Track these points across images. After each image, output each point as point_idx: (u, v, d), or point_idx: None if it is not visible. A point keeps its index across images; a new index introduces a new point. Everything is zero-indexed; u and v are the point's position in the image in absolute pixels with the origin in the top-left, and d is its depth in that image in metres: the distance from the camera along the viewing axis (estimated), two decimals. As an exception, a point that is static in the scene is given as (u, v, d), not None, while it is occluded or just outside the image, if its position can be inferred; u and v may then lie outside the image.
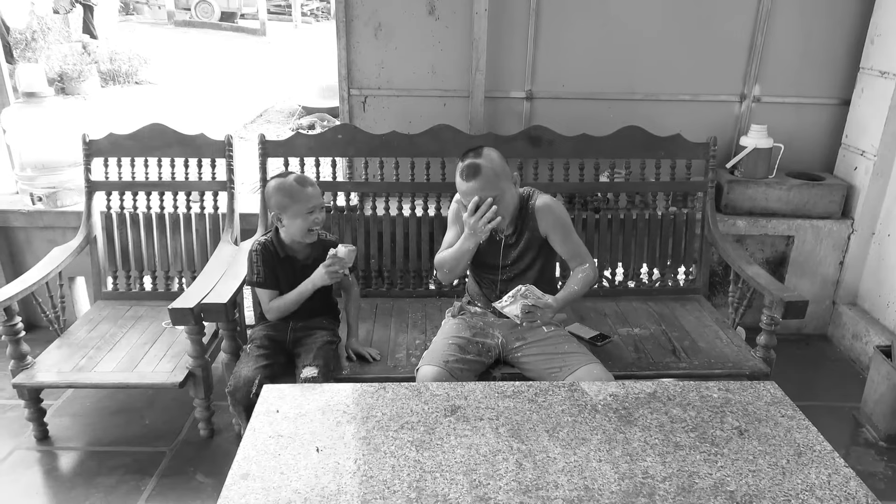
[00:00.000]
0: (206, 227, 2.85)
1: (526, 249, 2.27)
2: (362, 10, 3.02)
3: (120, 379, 2.32)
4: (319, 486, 1.43)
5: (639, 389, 1.82)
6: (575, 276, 2.25)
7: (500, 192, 2.12)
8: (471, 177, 2.10)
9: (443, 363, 2.12)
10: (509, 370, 2.30)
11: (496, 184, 2.11)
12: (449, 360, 2.13)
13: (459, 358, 2.16)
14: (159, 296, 2.85)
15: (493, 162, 2.13)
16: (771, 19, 3.06)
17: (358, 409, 1.70)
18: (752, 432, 1.64)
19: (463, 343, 2.22)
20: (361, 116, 3.17)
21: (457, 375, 2.11)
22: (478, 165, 2.10)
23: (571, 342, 2.24)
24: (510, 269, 2.30)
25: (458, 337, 2.24)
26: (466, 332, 2.27)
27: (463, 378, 2.11)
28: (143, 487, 2.26)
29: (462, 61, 3.10)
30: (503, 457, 1.53)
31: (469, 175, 2.11)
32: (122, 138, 2.78)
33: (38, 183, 2.99)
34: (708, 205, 2.90)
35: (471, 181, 2.10)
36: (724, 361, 2.44)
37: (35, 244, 3.09)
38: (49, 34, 10.27)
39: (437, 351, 2.19)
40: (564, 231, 2.26)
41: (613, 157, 2.87)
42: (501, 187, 2.13)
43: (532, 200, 2.25)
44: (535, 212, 2.24)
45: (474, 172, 2.10)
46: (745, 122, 3.21)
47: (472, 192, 2.11)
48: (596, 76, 3.16)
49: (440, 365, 2.11)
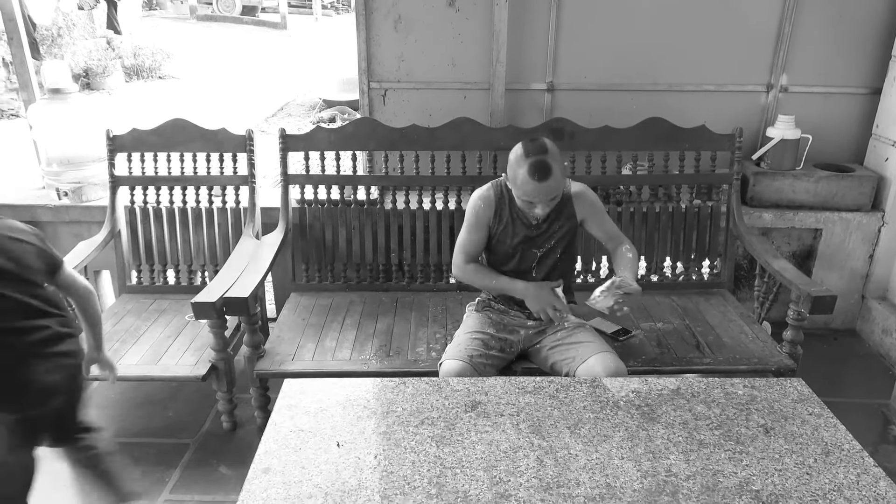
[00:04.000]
0: (227, 221, 2.87)
1: (561, 237, 2.23)
2: (382, 2, 3.00)
3: (144, 372, 2.35)
4: (340, 480, 1.43)
5: (662, 386, 1.79)
6: (626, 255, 2.22)
7: (559, 190, 2.06)
8: (543, 177, 1.98)
9: (467, 358, 2.11)
10: (529, 365, 2.29)
11: (561, 184, 2.04)
12: (473, 356, 2.12)
13: (483, 353, 2.15)
14: (182, 289, 2.88)
15: (558, 161, 2.02)
16: (799, 7, 2.99)
17: (378, 404, 1.70)
18: (778, 430, 1.61)
19: (486, 338, 2.21)
20: (381, 110, 3.16)
21: (480, 370, 2.10)
22: (549, 166, 1.98)
23: (588, 334, 2.21)
24: (543, 262, 2.25)
25: (481, 332, 2.23)
26: (490, 327, 2.26)
27: (486, 373, 2.10)
28: (168, 479, 2.29)
29: (482, 53, 3.07)
30: (524, 453, 1.52)
31: (542, 175, 1.98)
32: (146, 133, 2.80)
33: (64, 178, 3.03)
34: (733, 197, 2.84)
35: (543, 182, 1.98)
36: (750, 357, 2.40)
37: (61, 238, 3.13)
38: (74, 30, 10.40)
39: (460, 346, 2.18)
40: (601, 213, 2.28)
41: (636, 149, 2.83)
42: (561, 186, 2.05)
43: (566, 188, 2.21)
44: (573, 198, 2.21)
45: (547, 173, 1.98)
46: (772, 112, 3.14)
47: (541, 193, 2.02)
48: (618, 67, 3.11)
49: (464, 360, 2.10)
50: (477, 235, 2.25)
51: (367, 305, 2.76)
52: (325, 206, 2.85)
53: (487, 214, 2.23)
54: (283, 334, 2.54)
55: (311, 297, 2.81)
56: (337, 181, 2.85)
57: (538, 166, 1.98)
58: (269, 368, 2.33)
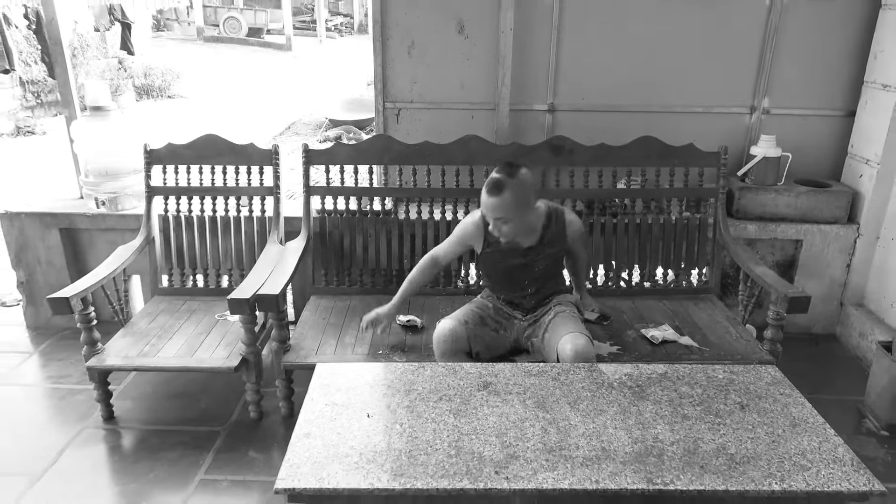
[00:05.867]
0: (253, 229, 3.11)
1: (553, 259, 2.51)
2: (397, 30, 3.27)
3: (181, 363, 2.58)
4: (371, 443, 1.66)
5: (651, 370, 2.02)
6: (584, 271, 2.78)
7: (511, 219, 2.25)
8: (492, 193, 2.20)
9: (462, 322, 2.39)
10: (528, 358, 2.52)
11: (512, 210, 2.23)
12: (468, 322, 2.40)
13: (478, 324, 2.43)
14: (210, 291, 3.11)
15: (520, 189, 2.20)
16: (779, 36, 3.26)
17: (401, 384, 1.93)
18: (752, 407, 1.84)
19: (484, 315, 2.49)
20: (395, 127, 3.42)
21: (472, 334, 2.37)
22: (503, 186, 2.19)
23: (567, 322, 2.39)
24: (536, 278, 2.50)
25: (481, 309, 2.51)
26: (490, 308, 2.53)
27: (475, 342, 2.38)
28: (202, 462, 2.50)
29: (488, 76, 3.33)
30: (530, 423, 1.74)
31: (491, 190, 2.20)
32: (180, 147, 3.05)
33: (101, 188, 3.27)
34: (719, 210, 3.09)
35: (491, 198, 2.21)
36: (734, 354, 2.62)
37: (97, 245, 3.37)
38: (88, 50, 10.74)
39: (458, 312, 2.47)
40: (583, 242, 2.65)
41: (630, 165, 3.09)
42: (516, 215, 2.25)
43: (563, 216, 2.48)
44: (567, 226, 2.48)
45: (497, 190, 2.19)
46: (755, 132, 3.40)
47: (487, 207, 2.24)
48: (614, 90, 3.38)
49: (459, 321, 2.39)
50: (451, 248, 2.53)
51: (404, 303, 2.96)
52: (344, 215, 3.09)
53: (473, 238, 2.48)
54: (306, 332, 2.76)
55: (330, 300, 3.04)
56: (354, 192, 3.09)
57: (492, 182, 2.21)
58: (295, 361, 2.55)
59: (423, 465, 1.58)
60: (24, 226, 3.35)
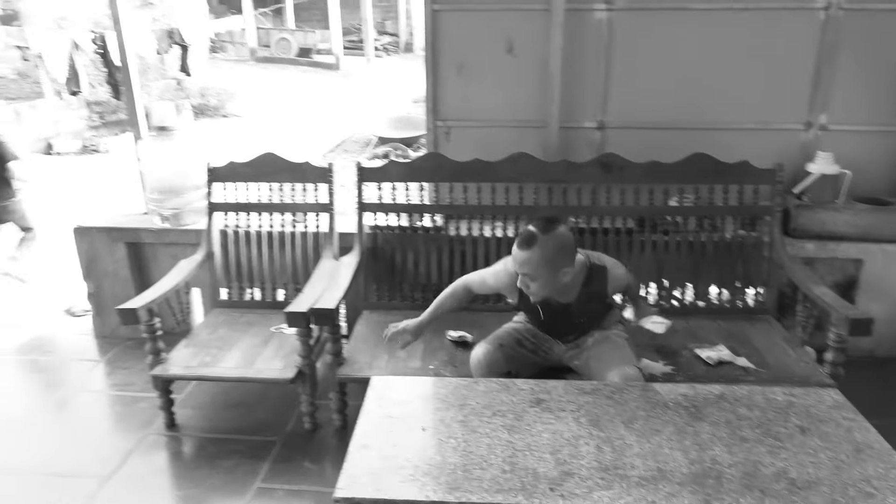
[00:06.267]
0: (308, 244, 3.20)
1: (593, 312, 2.43)
2: (448, 51, 3.34)
3: (240, 374, 2.66)
4: (427, 456, 1.69)
5: (707, 391, 2.00)
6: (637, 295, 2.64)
7: (538, 277, 2.18)
8: (522, 247, 2.15)
9: (497, 345, 2.38)
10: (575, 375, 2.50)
11: (540, 268, 2.15)
12: (503, 345, 2.39)
13: (514, 346, 2.41)
14: (267, 305, 3.20)
15: (549, 251, 2.13)
16: (836, 50, 3.20)
17: (455, 399, 1.95)
18: (813, 430, 1.80)
19: (521, 338, 2.46)
20: (446, 145, 3.47)
21: (509, 356, 2.37)
22: (533, 242, 2.13)
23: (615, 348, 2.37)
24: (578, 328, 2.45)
25: (518, 331, 2.49)
26: (529, 333, 2.49)
27: (515, 361, 2.37)
28: (259, 471, 2.57)
29: (537, 94, 3.36)
30: (584, 441, 1.75)
31: (521, 244, 2.15)
32: (240, 165, 3.17)
33: (165, 205, 3.42)
34: (776, 228, 3.04)
35: (520, 251, 2.15)
36: (792, 376, 2.56)
37: (160, 258, 3.52)
38: (149, 72, 11.21)
39: (494, 335, 2.46)
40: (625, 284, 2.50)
41: (682, 182, 3.06)
42: (544, 273, 2.16)
43: (605, 274, 2.34)
44: (609, 283, 2.36)
45: (527, 246, 2.14)
46: (812, 149, 3.34)
47: (517, 262, 2.18)
48: (665, 107, 3.36)
49: (493, 344, 2.38)
50: (484, 286, 2.46)
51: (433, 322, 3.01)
52: (395, 232, 3.16)
53: (506, 289, 2.43)
54: (359, 345, 2.82)
55: (381, 314, 3.09)
56: (406, 209, 3.15)
57: (525, 235, 2.16)
58: (349, 374, 2.61)
59: (477, 479, 1.60)
60: (93, 240, 3.52)
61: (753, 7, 3.18)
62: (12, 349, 3.65)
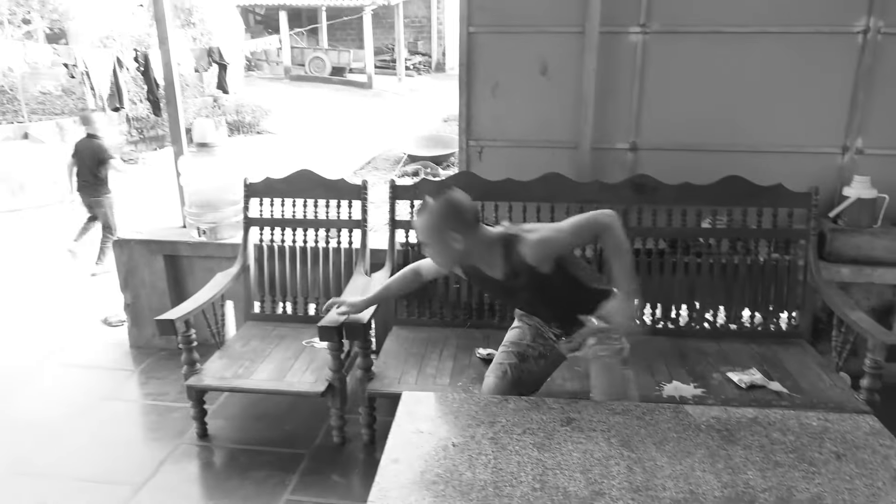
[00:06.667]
0: (341, 259, 3.25)
1: (535, 288, 2.19)
2: (482, 71, 3.39)
3: (273, 386, 2.71)
4: (457, 472, 1.70)
5: (740, 415, 1.98)
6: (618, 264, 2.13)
7: (429, 243, 2.15)
8: (416, 216, 2.16)
9: (502, 374, 2.35)
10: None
11: (426, 234, 2.13)
12: (508, 371, 2.35)
13: (518, 366, 2.36)
14: (299, 318, 3.25)
15: (434, 216, 2.09)
16: (872, 74, 3.17)
17: (485, 416, 1.96)
18: (849, 457, 1.77)
19: (522, 349, 2.39)
20: (478, 164, 3.51)
21: (517, 378, 2.33)
22: (423, 210, 2.12)
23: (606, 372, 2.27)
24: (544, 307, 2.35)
25: (515, 344, 2.41)
26: (526, 337, 2.41)
27: (522, 387, 2.33)
28: (288, 483, 2.60)
29: (570, 115, 3.38)
30: (615, 461, 1.74)
31: (416, 214, 2.17)
32: (276, 182, 3.24)
33: (203, 219, 3.51)
34: (811, 252, 3.00)
35: (415, 220, 2.16)
36: (827, 402, 2.52)
37: (196, 271, 3.60)
38: (187, 90, 11.52)
39: (496, 361, 2.42)
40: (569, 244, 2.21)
41: (716, 204, 3.05)
42: (430, 240, 2.13)
43: (516, 246, 2.11)
44: (524, 249, 2.09)
45: (418, 213, 2.15)
46: (849, 172, 3.30)
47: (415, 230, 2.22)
48: (698, 129, 3.36)
49: (498, 375, 2.35)
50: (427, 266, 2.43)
51: (462, 340, 3.04)
52: (427, 249, 3.19)
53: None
54: (388, 361, 2.85)
55: (410, 331, 3.12)
56: (438, 227, 3.18)
57: (420, 205, 2.17)
58: (379, 389, 2.64)
59: (508, 496, 1.61)
60: (133, 251, 3.63)
61: (789, 31, 3.17)
62: (50, 357, 3.76)
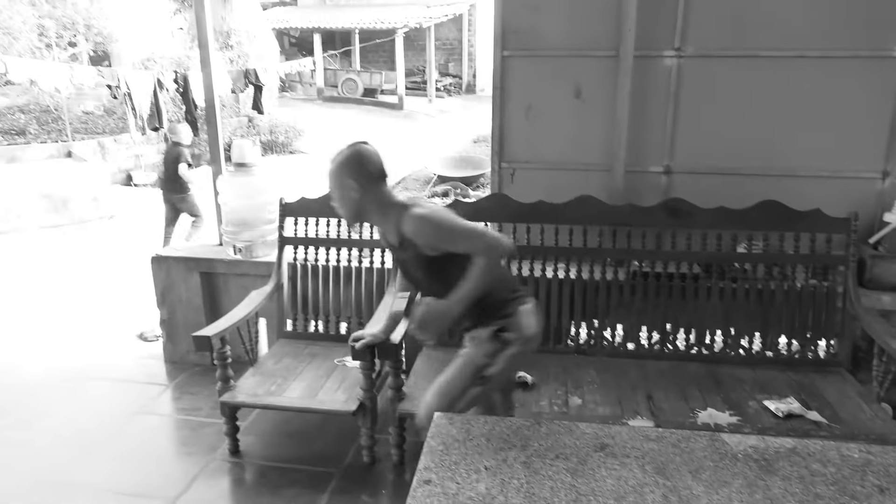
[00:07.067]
0: (373, 279, 3.28)
1: (418, 263, 2.15)
2: (516, 94, 3.42)
3: (305, 404, 2.73)
4: (489, 496, 1.69)
5: (779, 444, 1.93)
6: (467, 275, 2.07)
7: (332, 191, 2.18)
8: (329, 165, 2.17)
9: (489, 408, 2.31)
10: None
11: (330, 181, 2.16)
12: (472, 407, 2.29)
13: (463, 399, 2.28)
14: (330, 337, 3.29)
15: (337, 164, 2.14)
16: (915, 99, 3.12)
17: (517, 439, 1.95)
18: (893, 491, 1.72)
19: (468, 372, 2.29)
20: (510, 186, 3.52)
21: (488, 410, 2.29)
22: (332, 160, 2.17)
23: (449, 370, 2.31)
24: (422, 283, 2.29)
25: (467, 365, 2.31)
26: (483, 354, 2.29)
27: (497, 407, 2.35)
28: (318, 502, 2.62)
29: (603, 138, 3.39)
30: (650, 489, 1.71)
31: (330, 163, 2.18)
32: (311, 201, 3.30)
33: (239, 237, 3.57)
34: (850, 279, 2.94)
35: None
36: (868, 434, 2.45)
37: (230, 289, 3.67)
38: (224, 110, 11.81)
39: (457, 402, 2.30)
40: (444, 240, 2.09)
41: (751, 229, 3.01)
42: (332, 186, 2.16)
43: (404, 215, 2.05)
44: (407, 224, 2.05)
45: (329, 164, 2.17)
46: (889, 198, 3.23)
47: None
48: (733, 153, 3.33)
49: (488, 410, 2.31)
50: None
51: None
52: (458, 270, 3.20)
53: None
54: (419, 381, 2.85)
55: (441, 351, 3.12)
56: (469, 248, 3.20)
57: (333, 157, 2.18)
58: (410, 409, 2.64)
59: (541, 522, 1.59)
60: (170, 268, 3.71)
61: (827, 55, 3.14)
62: (86, 370, 3.84)
